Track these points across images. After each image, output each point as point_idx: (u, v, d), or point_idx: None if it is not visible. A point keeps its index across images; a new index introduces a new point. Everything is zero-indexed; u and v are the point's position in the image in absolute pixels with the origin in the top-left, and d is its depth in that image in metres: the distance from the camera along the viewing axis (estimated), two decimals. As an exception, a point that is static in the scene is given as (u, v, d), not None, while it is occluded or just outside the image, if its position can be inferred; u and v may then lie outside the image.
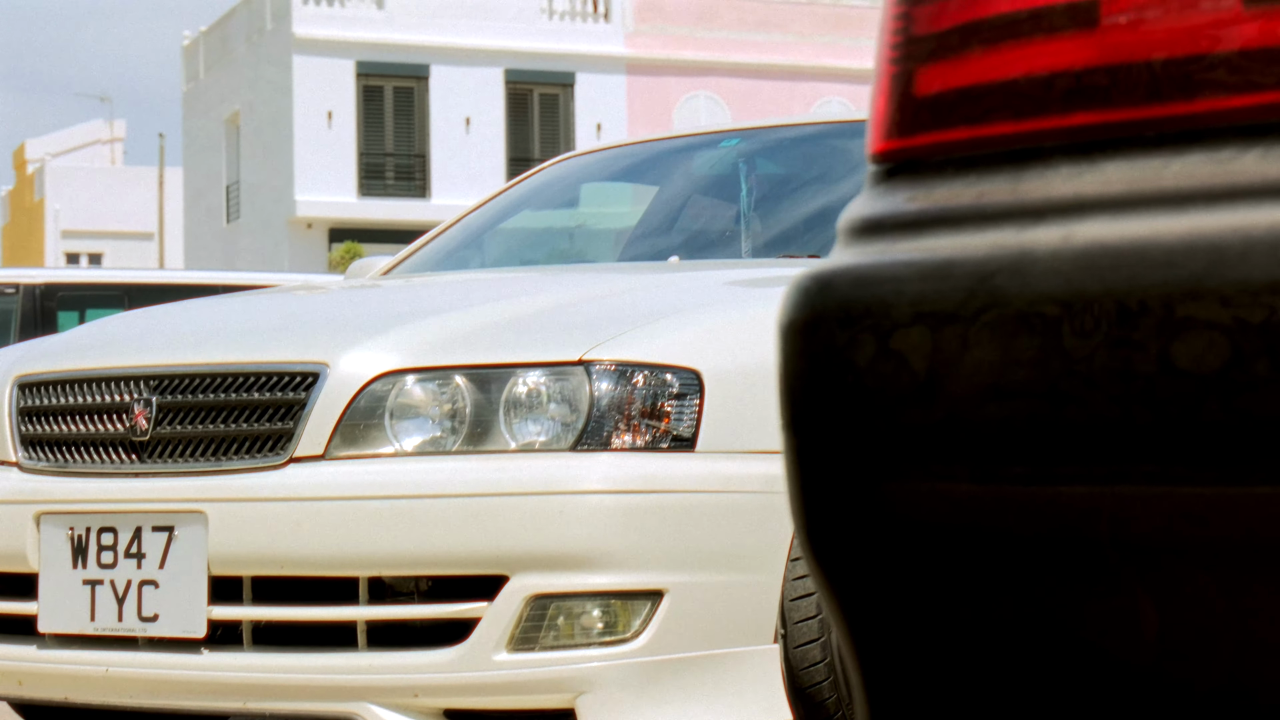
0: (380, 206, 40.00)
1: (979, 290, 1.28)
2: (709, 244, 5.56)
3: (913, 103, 1.42)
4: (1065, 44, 1.34)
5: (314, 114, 39.56)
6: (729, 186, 5.70)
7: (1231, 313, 1.20)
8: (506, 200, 6.10)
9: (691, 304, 4.00)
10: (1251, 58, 1.27)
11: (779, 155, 5.81)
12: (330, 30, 39.53)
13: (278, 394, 3.78)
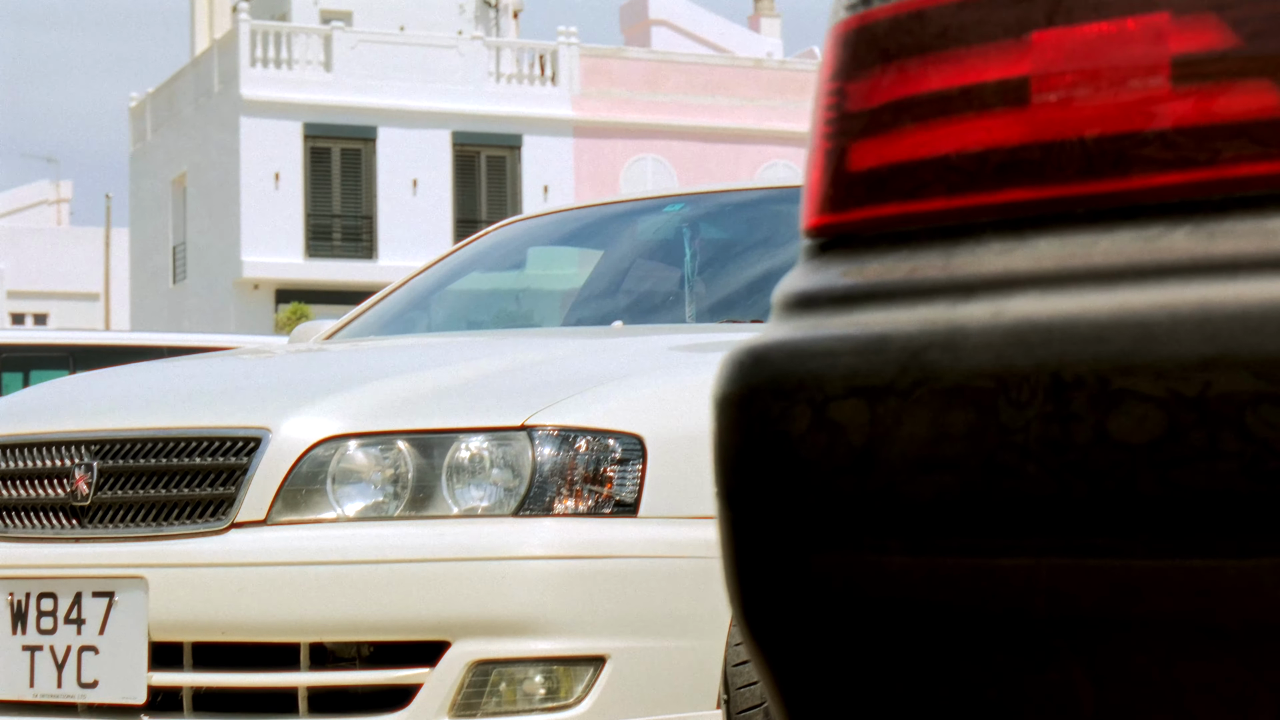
0: (327, 268, 39.92)
1: (911, 365, 1.30)
2: (653, 308, 5.57)
3: (846, 178, 1.44)
4: (996, 121, 1.35)
5: (261, 175, 39.51)
6: (673, 251, 5.72)
7: (1161, 388, 1.21)
8: (453, 263, 6.10)
9: (634, 369, 4.01)
10: (1179, 136, 1.29)
11: (723, 220, 5.83)
12: (277, 92, 39.52)
13: (219, 459, 3.77)
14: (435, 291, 6.01)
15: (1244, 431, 1.18)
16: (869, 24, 1.45)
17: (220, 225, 40.68)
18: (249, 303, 39.86)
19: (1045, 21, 1.35)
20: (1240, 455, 1.19)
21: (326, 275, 39.72)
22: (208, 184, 41.58)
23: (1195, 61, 1.29)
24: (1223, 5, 1.29)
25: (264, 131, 39.50)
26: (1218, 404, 1.19)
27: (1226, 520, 1.20)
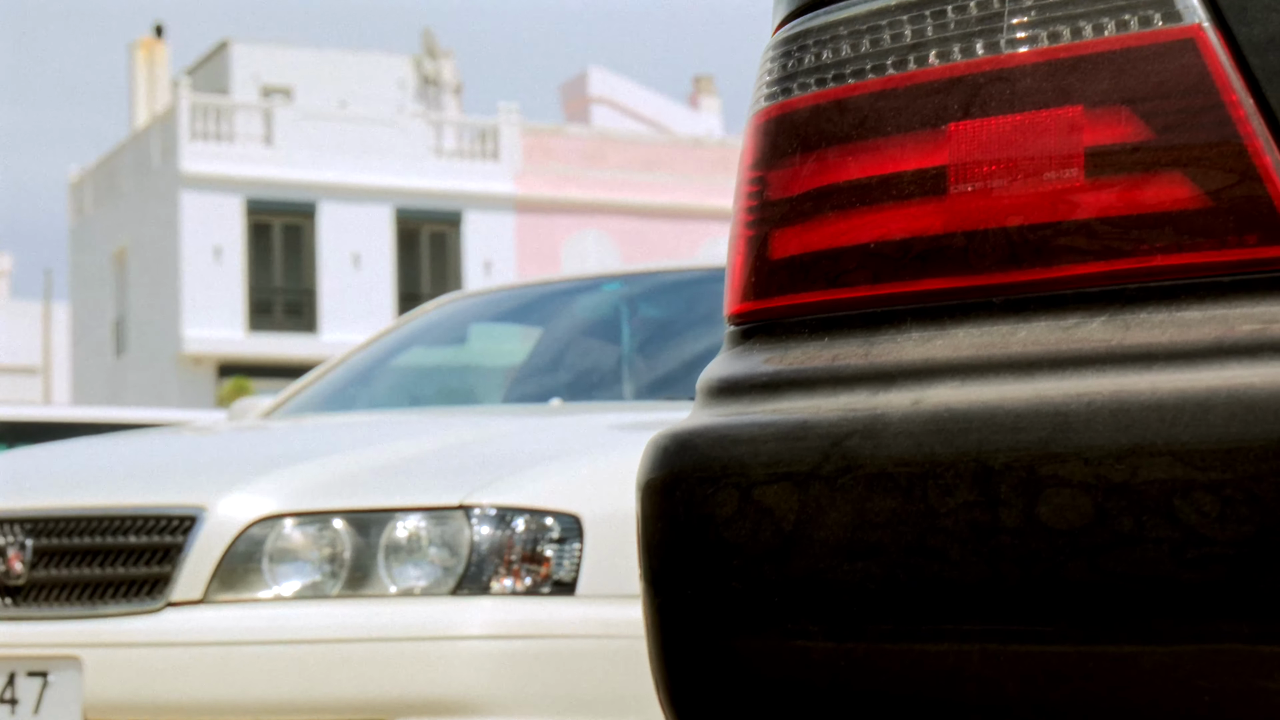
0: (269, 342, 39.78)
1: (833, 452, 1.31)
2: (591, 386, 5.58)
3: (768, 265, 1.45)
4: (915, 210, 1.37)
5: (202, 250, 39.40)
6: (611, 329, 5.74)
7: (1078, 477, 1.23)
8: (394, 339, 6.11)
9: (572, 448, 4.02)
10: (1094, 226, 1.31)
11: (660, 298, 5.85)
12: (218, 167, 39.47)
13: (155, 538, 3.75)
14: (376, 367, 6.00)
15: (1160, 519, 1.20)
16: (789, 113, 1.47)
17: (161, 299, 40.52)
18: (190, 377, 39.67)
19: (962, 113, 1.37)
20: (1158, 542, 1.20)
21: (268, 350, 39.57)
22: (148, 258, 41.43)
23: (1108, 153, 1.32)
24: (1135, 99, 1.31)
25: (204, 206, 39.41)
26: (1134, 492, 1.21)
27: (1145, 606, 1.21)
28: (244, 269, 39.80)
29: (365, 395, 5.87)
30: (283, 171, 39.80)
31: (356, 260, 40.40)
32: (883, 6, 1.44)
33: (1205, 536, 1.19)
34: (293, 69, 44.14)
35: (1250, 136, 1.27)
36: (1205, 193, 1.28)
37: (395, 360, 6.04)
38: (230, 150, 39.75)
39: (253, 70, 43.92)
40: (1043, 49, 1.35)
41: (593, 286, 6.02)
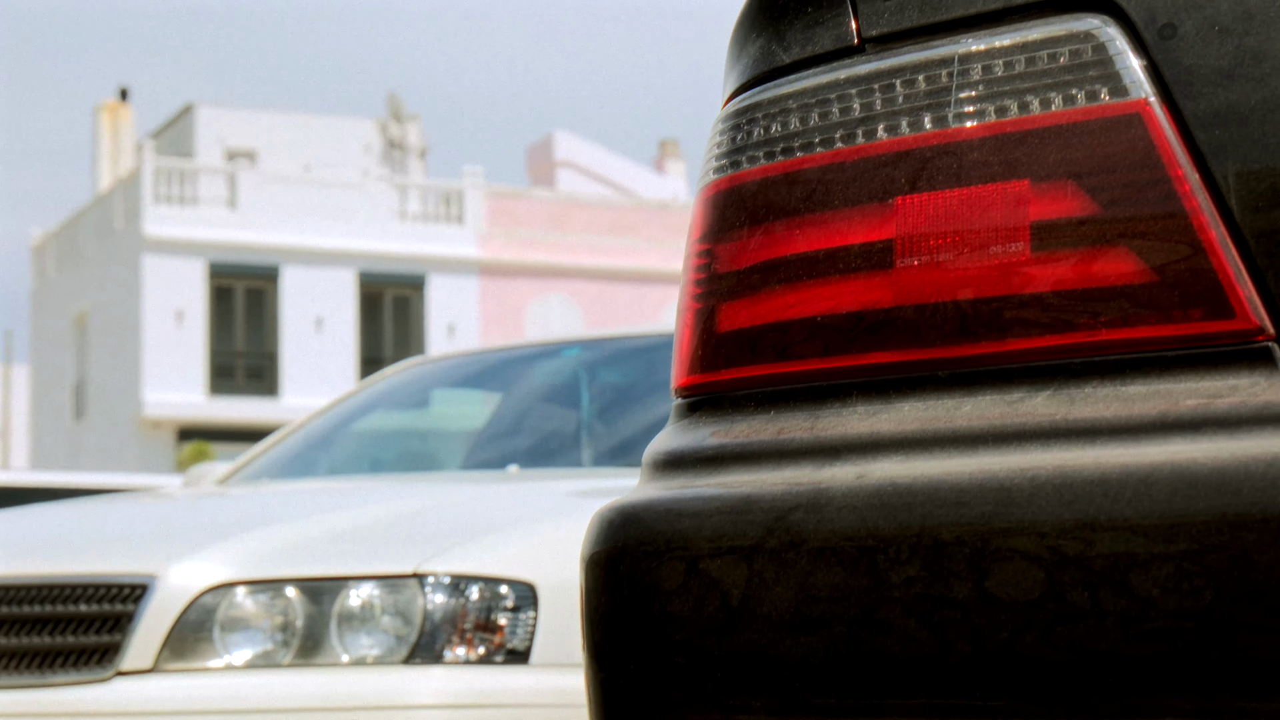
0: (230, 406, 39.68)
1: (776, 527, 1.30)
2: (549, 452, 5.57)
3: (715, 338, 1.45)
4: (861, 284, 1.37)
5: (163, 313, 39.32)
6: (570, 395, 5.73)
7: (1021, 552, 1.22)
8: (354, 403, 6.09)
9: (528, 515, 4.00)
10: (1040, 301, 1.31)
11: (620, 364, 5.85)
12: (181, 230, 39.44)
13: (105, 606, 3.72)
14: (336, 432, 5.99)
15: (1105, 594, 1.19)
16: (738, 186, 1.47)
17: (122, 363, 40.41)
18: (150, 441, 39.52)
19: (909, 186, 1.37)
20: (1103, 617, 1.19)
21: (229, 414, 39.47)
22: (110, 321, 41.34)
23: (1055, 227, 1.31)
24: (1081, 173, 1.31)
25: (167, 269, 39.35)
26: (1079, 568, 1.20)
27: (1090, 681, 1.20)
28: (206, 332, 39.72)
29: (325, 460, 5.85)
30: (246, 235, 39.79)
31: (319, 324, 40.36)
32: (832, 80, 1.44)
33: (1149, 612, 1.18)
34: (258, 132, 44.21)
35: (1196, 211, 1.27)
36: (1151, 267, 1.28)
37: (355, 425, 6.03)
38: (194, 214, 39.73)
39: (218, 134, 43.97)
40: (990, 123, 1.35)
41: (552, 352, 6.02)
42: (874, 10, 1.44)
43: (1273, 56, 1.26)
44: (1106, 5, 1.33)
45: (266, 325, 40.40)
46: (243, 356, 40.35)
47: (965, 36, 1.38)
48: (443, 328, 41.36)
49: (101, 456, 40.46)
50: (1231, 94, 1.27)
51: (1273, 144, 1.25)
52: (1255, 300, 1.25)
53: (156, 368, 39.25)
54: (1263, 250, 1.25)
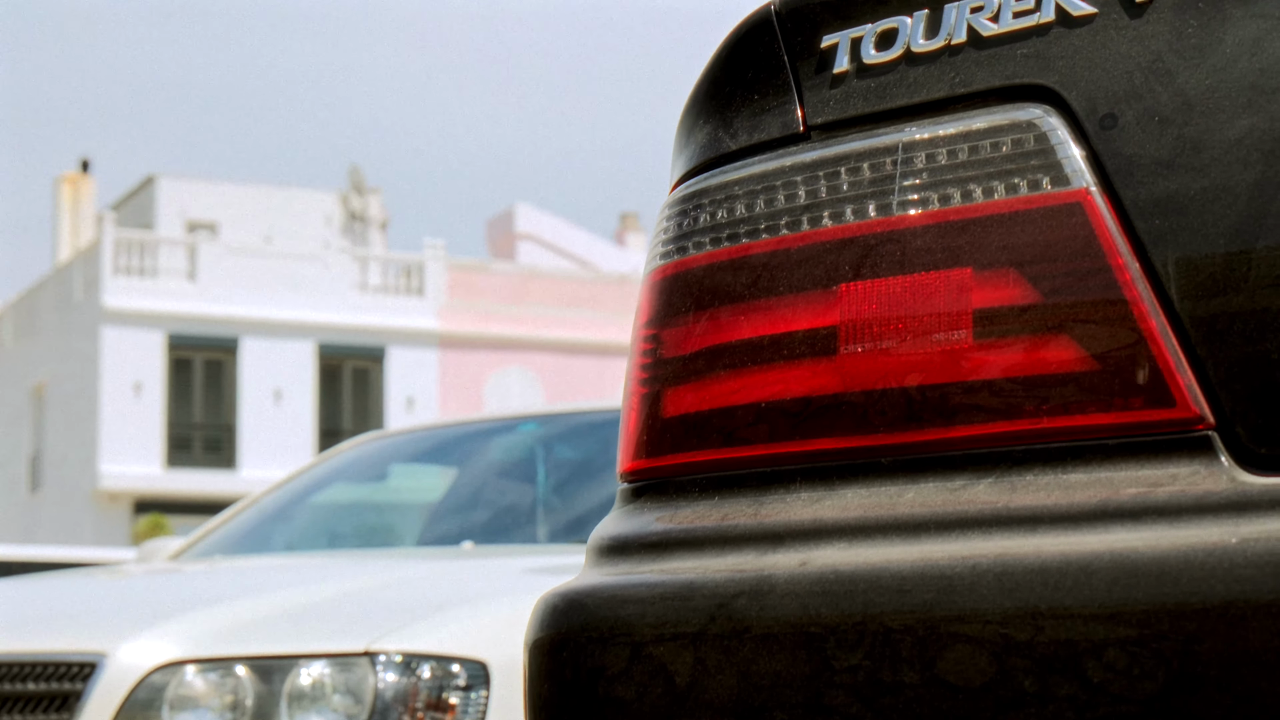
0: (187, 478, 39.48)
1: (719, 614, 1.30)
2: (505, 528, 5.55)
3: (660, 423, 1.45)
4: (805, 370, 1.37)
5: (121, 385, 39.17)
6: (527, 470, 5.72)
7: (962, 641, 1.22)
8: (311, 478, 6.07)
9: (481, 592, 3.98)
10: (982, 388, 1.31)
11: (576, 440, 5.84)
12: (140, 302, 39.34)
13: (55, 684, 3.69)
14: (293, 506, 5.96)
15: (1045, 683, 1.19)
16: (684, 272, 1.47)
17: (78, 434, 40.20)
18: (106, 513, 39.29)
19: (853, 273, 1.38)
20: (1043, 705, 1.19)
21: (186, 486, 39.27)
22: (67, 393, 41.14)
23: (997, 315, 1.32)
24: (1023, 261, 1.32)
25: (125, 341, 39.22)
26: (1020, 656, 1.20)
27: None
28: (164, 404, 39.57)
29: (281, 534, 5.83)
30: (205, 307, 39.70)
31: (278, 396, 40.24)
32: (777, 167, 1.45)
33: (1091, 701, 1.18)
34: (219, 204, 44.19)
35: (1136, 300, 1.28)
36: (1092, 355, 1.29)
37: (312, 499, 6.01)
38: (153, 285, 39.64)
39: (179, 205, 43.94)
40: (933, 211, 1.36)
41: (509, 427, 6.01)
42: (819, 98, 1.45)
43: (1212, 146, 1.28)
44: (1048, 95, 1.34)
45: (225, 397, 40.27)
46: (200, 428, 40.19)
47: (909, 125, 1.40)
48: (402, 400, 41.27)
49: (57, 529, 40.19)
50: (1171, 183, 1.28)
51: (1211, 233, 1.26)
52: (1195, 389, 1.26)
53: (113, 439, 39.06)
54: (1202, 339, 1.26)
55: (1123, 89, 1.32)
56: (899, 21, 1.42)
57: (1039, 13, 1.36)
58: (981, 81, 1.37)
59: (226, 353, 40.10)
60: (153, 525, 35.70)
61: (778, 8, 1.50)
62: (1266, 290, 1.24)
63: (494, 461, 5.88)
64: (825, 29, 1.46)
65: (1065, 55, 1.34)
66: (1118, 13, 1.34)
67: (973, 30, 1.39)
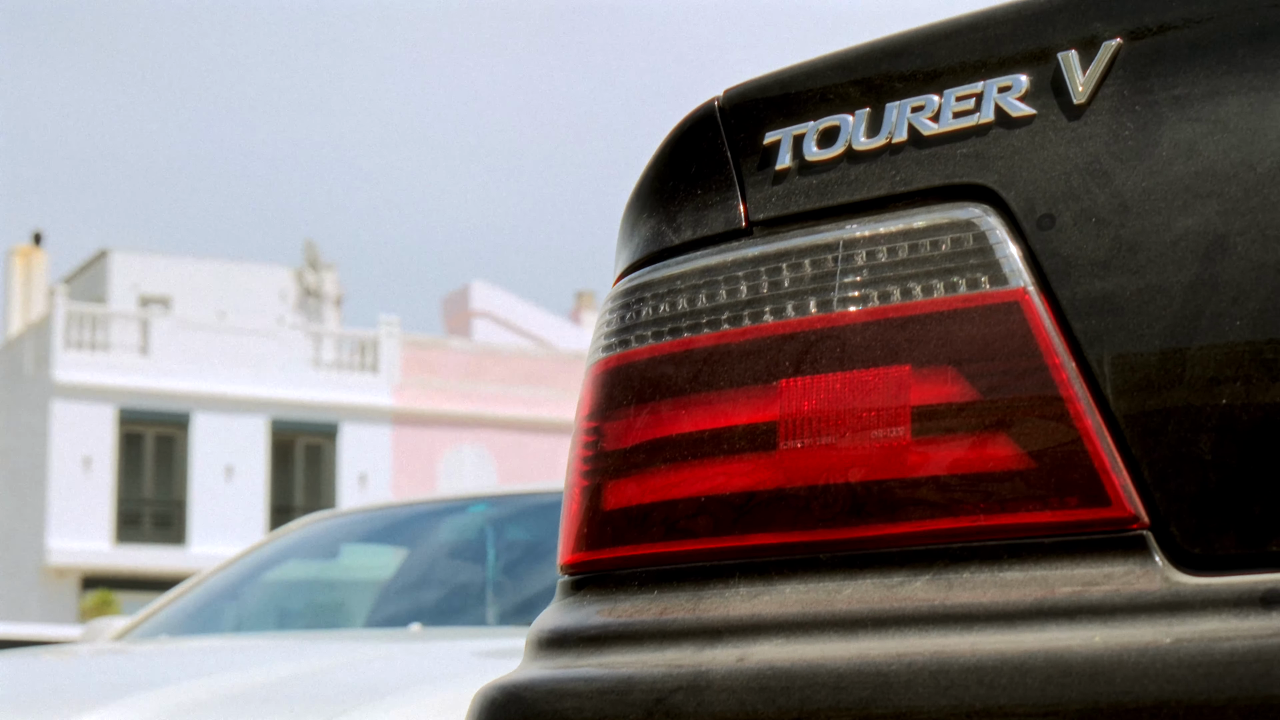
0: (136, 555, 39.20)
1: (656, 709, 1.30)
2: (454, 610, 5.53)
3: (600, 516, 1.45)
4: (745, 465, 1.38)
5: (71, 459, 38.93)
6: (476, 552, 5.70)
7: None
8: (261, 557, 6.05)
9: (428, 675, 3.96)
10: (919, 485, 1.32)
11: (526, 522, 5.83)
12: (92, 376, 39.16)
13: (-5, 766, 3.65)
14: (242, 585, 5.93)
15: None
16: (626, 365, 1.48)
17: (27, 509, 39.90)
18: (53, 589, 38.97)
19: (793, 369, 1.39)
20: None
21: (135, 562, 38.99)
22: (15, 467, 40.86)
23: (935, 413, 1.33)
24: (961, 359, 1.33)
25: (76, 415, 39.02)
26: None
27: None
28: (114, 479, 39.33)
29: (230, 614, 5.79)
30: (157, 381, 39.54)
31: (229, 472, 40.05)
32: (720, 262, 1.46)
33: (1027, 801, 1.19)
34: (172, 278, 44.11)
35: (1072, 399, 1.29)
36: (1029, 454, 1.30)
37: (262, 578, 5.98)
38: (105, 359, 39.48)
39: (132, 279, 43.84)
40: (873, 308, 1.37)
41: (459, 508, 6.00)
42: (762, 194, 1.46)
43: (1147, 247, 1.29)
44: (987, 195, 1.36)
45: (176, 472, 40.05)
46: (151, 504, 39.94)
47: (850, 222, 1.41)
48: (355, 477, 41.13)
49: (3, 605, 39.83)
50: (1107, 283, 1.30)
51: (1146, 333, 1.28)
52: (1130, 488, 1.27)
53: (62, 514, 38.79)
54: (1137, 438, 1.27)
55: (1060, 189, 1.33)
56: (841, 119, 1.44)
57: (979, 113, 1.38)
58: (922, 180, 1.39)
59: (178, 428, 39.90)
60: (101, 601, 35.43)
61: (721, 103, 1.52)
62: (1200, 390, 1.25)
63: (444, 542, 5.87)
64: (768, 126, 1.47)
65: (1004, 155, 1.36)
66: (1056, 114, 1.35)
67: (914, 129, 1.40)
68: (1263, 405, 1.23)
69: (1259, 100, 1.29)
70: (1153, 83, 1.32)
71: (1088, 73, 1.35)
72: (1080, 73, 1.35)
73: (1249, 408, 1.24)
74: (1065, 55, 1.36)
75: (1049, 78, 1.36)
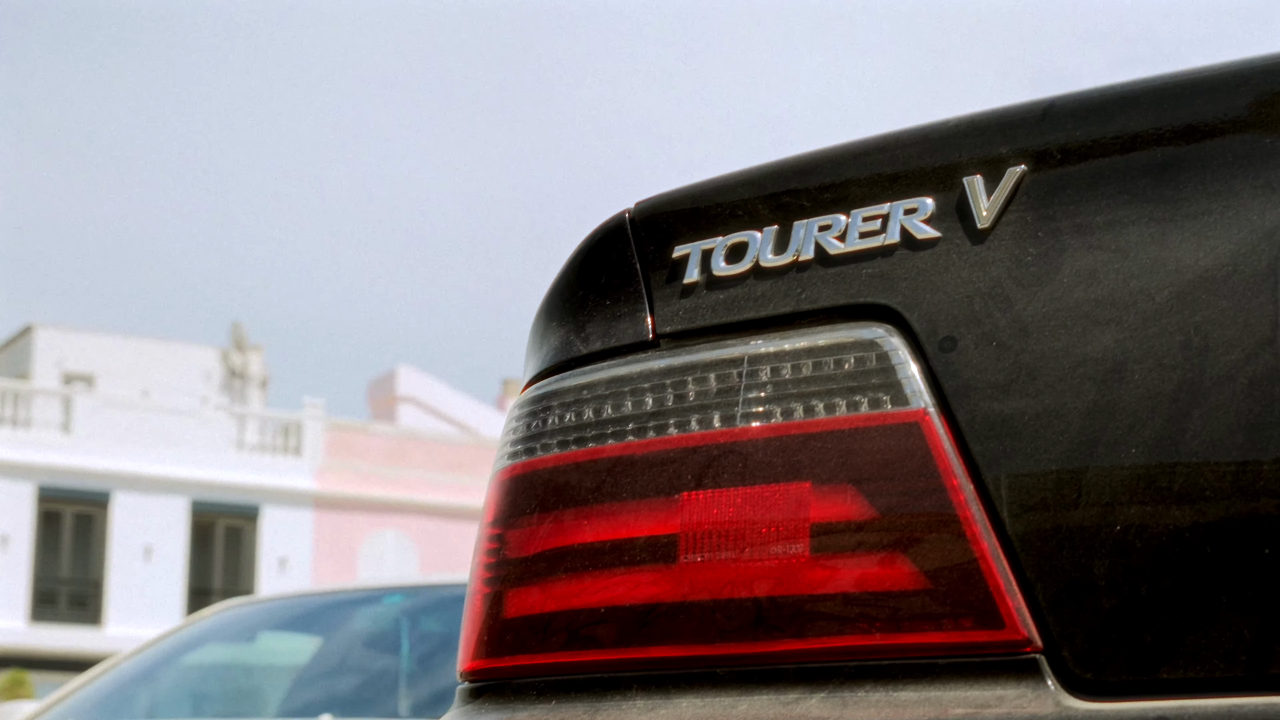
0: (52, 635, 38.72)
1: (548, 824, 1.29)
2: (366, 700, 5.49)
3: (501, 624, 1.45)
4: (645, 577, 1.38)
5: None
6: (390, 642, 5.67)
7: None
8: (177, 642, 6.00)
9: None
10: (816, 602, 1.33)
11: (441, 613, 5.81)
12: (11, 452, 38.79)
13: None
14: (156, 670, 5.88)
15: None
16: (531, 473, 1.48)
17: (-59, 586, 39.39)
18: (-34, 667, 38.43)
19: (695, 483, 1.39)
20: None
21: (50, 643, 38.50)
22: (-70, 542, 40.37)
23: (834, 530, 1.34)
24: (861, 478, 1.34)
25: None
26: None
27: None
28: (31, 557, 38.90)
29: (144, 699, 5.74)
30: (78, 460, 39.20)
31: (148, 552, 39.69)
32: (626, 374, 1.47)
33: None
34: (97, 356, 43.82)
35: (969, 521, 1.30)
36: (925, 574, 1.31)
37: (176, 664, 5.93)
38: (26, 436, 39.12)
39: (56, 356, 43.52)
40: (775, 424, 1.38)
41: (374, 598, 5.97)
42: (670, 308, 1.47)
43: (1046, 371, 1.31)
44: (891, 315, 1.37)
45: (94, 552, 39.65)
46: (67, 583, 39.50)
47: (756, 338, 1.42)
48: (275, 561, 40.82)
49: (-86, 681, 39.25)
50: (1005, 406, 1.31)
51: (1044, 456, 1.29)
52: (1024, 611, 1.28)
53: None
54: (1032, 562, 1.28)
55: (963, 312, 1.35)
56: (749, 236, 1.45)
57: (885, 234, 1.40)
58: (827, 299, 1.40)
59: (98, 507, 39.54)
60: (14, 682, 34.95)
61: (632, 215, 1.53)
62: (1095, 515, 1.27)
63: (358, 632, 5.84)
64: (678, 239, 1.49)
65: (909, 277, 1.38)
66: (960, 238, 1.37)
67: (820, 248, 1.42)
68: (1156, 532, 1.25)
69: (1159, 231, 1.31)
70: (1055, 210, 1.34)
71: (992, 198, 1.37)
72: (985, 198, 1.37)
73: (1143, 533, 1.25)
74: (971, 180, 1.38)
75: (954, 202, 1.38)
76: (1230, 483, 1.24)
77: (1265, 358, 1.25)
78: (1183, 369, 1.27)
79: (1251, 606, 1.21)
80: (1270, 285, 1.26)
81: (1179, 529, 1.24)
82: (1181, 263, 1.30)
